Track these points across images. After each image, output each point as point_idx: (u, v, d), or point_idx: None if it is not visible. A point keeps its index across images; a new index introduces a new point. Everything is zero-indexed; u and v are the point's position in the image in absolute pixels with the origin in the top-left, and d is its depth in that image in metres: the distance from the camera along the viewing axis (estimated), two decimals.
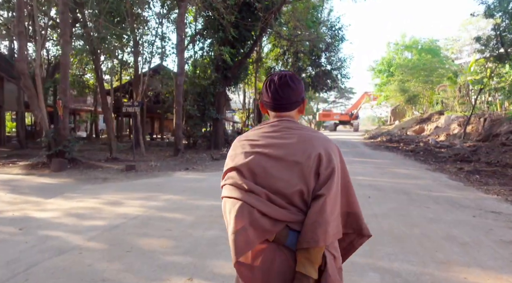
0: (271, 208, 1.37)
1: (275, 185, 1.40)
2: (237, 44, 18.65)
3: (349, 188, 1.56)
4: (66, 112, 11.57)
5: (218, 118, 19.10)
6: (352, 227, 1.57)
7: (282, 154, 1.43)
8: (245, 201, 1.38)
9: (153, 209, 6.27)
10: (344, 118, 58.71)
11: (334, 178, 1.40)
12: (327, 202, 1.35)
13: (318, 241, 1.32)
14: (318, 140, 1.47)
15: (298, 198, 1.39)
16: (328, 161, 1.42)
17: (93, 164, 12.04)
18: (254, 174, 1.42)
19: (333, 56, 25.54)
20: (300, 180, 1.39)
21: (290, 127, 1.51)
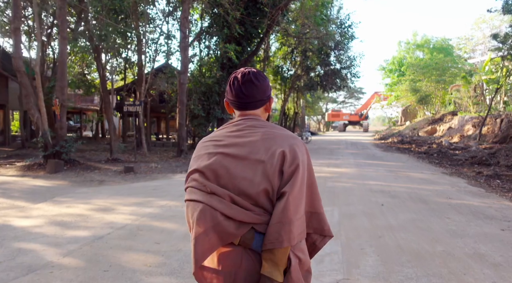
0: (234, 210, 1.32)
1: (239, 186, 1.34)
2: (243, 41, 18.08)
3: (313, 188, 1.48)
4: (63, 111, 11.13)
5: (223, 117, 18.55)
6: (313, 227, 1.49)
7: (245, 153, 1.37)
8: (207, 203, 1.33)
9: (145, 217, 5.73)
10: (354, 118, 57.98)
11: (299, 175, 1.34)
12: (289, 201, 1.29)
13: (282, 241, 1.27)
14: (282, 137, 1.41)
15: (263, 198, 1.33)
16: (292, 158, 1.35)
17: (92, 165, 11.58)
18: (217, 176, 1.37)
19: (342, 54, 24.83)
20: (264, 179, 1.33)
21: (254, 126, 1.45)
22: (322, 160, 14.25)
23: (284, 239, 1.27)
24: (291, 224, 1.29)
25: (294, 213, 1.30)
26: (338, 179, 9.61)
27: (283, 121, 26.94)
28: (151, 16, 19.06)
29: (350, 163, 13.46)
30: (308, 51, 23.72)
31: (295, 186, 1.32)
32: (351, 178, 9.73)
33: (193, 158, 1.49)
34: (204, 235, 1.31)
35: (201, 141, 1.52)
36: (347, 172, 10.92)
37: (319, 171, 11.09)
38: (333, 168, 11.92)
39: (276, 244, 1.27)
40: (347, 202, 6.82)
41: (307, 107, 45.34)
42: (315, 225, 1.50)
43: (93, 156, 14.57)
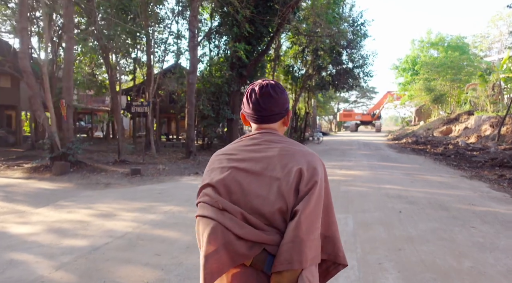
0: (246, 230, 1.23)
1: (252, 203, 1.26)
2: (253, 40, 17.73)
3: (329, 209, 1.37)
4: (70, 112, 10.94)
5: (233, 118, 18.24)
6: (327, 252, 1.37)
7: (260, 169, 1.31)
8: (219, 221, 1.25)
9: (147, 225, 5.42)
10: (366, 118, 57.22)
11: (315, 193, 1.24)
12: (302, 219, 1.20)
13: (292, 263, 1.17)
14: (300, 154, 1.34)
15: (278, 218, 1.25)
16: (310, 176, 1.27)
17: (99, 167, 11.37)
18: (230, 191, 1.30)
19: (354, 53, 24.26)
20: (279, 197, 1.25)
21: (272, 141, 1.39)
22: (334, 162, 13.80)
23: (295, 261, 1.18)
24: (303, 244, 1.19)
25: (307, 233, 1.21)
26: (351, 182, 9.19)
27: (293, 121, 26.50)
28: (160, 15, 18.86)
29: (364, 165, 12.99)
30: (319, 50, 23.24)
31: (309, 205, 1.23)
32: (366, 182, 9.29)
33: (205, 171, 1.42)
34: (214, 254, 1.23)
35: (215, 154, 1.46)
36: (361, 175, 10.47)
37: (331, 173, 10.67)
38: (346, 170, 11.48)
39: (286, 265, 1.18)
40: (362, 209, 6.41)
41: (319, 107, 44.78)
42: (329, 250, 1.38)
43: (102, 157, 14.40)
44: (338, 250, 1.38)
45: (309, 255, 1.20)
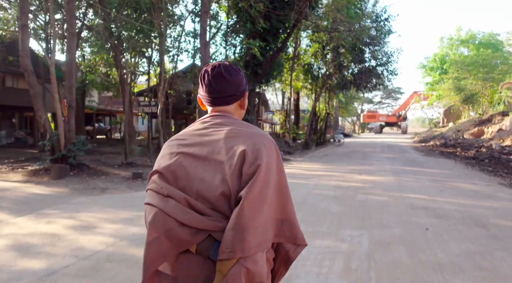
0: (190, 216, 1.20)
1: (197, 188, 1.24)
2: (269, 37, 16.90)
3: (284, 192, 1.30)
4: (71, 112, 10.45)
5: (247, 119, 17.43)
6: (285, 235, 1.30)
7: (206, 153, 1.28)
8: (161, 208, 1.23)
9: (125, 241, 4.67)
10: (391, 119, 55.40)
11: (259, 177, 1.18)
12: (244, 206, 1.14)
13: (234, 251, 1.13)
14: (247, 135, 1.28)
15: (222, 203, 1.21)
16: (254, 159, 1.20)
17: (102, 170, 10.82)
18: (176, 177, 1.28)
19: (378, 50, 22.99)
20: (223, 181, 1.21)
21: (221, 123, 1.34)
22: (353, 166, 12.76)
23: (237, 249, 1.13)
24: (246, 232, 1.14)
25: (250, 220, 1.15)
26: (370, 190, 8.18)
27: (313, 122, 25.44)
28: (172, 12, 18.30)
29: (386, 169, 11.89)
30: (340, 48, 22.13)
31: (253, 190, 1.16)
32: (387, 190, 8.26)
33: (157, 158, 1.38)
34: (155, 242, 1.21)
35: (168, 140, 1.41)
36: (382, 181, 9.43)
37: (348, 179, 9.67)
38: (365, 175, 10.45)
39: (227, 254, 1.13)
40: (381, 223, 5.44)
41: (341, 108, 43.38)
42: (287, 233, 1.30)
43: (110, 159, 13.93)
44: (297, 231, 1.32)
45: (252, 243, 1.14)
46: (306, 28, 21.78)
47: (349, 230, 5.13)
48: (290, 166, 13.13)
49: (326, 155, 17.73)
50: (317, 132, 25.74)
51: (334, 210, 6.32)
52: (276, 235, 1.27)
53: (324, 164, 13.50)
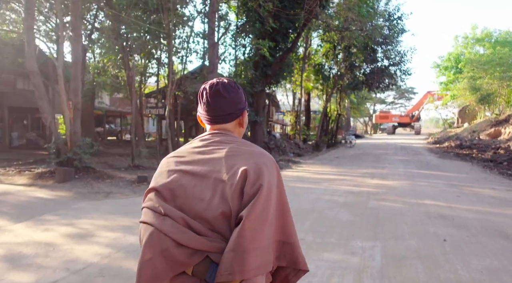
0: (187, 236, 1.15)
1: (196, 208, 1.20)
2: (278, 37, 16.59)
3: (285, 213, 1.26)
4: (77, 114, 10.31)
5: (256, 120, 17.15)
6: (286, 259, 1.25)
7: (205, 171, 1.24)
8: (158, 227, 1.18)
9: (122, 251, 4.42)
10: (404, 120, 54.48)
11: (261, 197, 1.14)
12: (245, 226, 1.11)
13: (233, 273, 1.09)
14: (249, 154, 1.26)
15: (221, 223, 1.17)
16: (255, 178, 1.17)
17: (107, 173, 10.65)
18: (174, 196, 1.24)
19: (391, 49, 22.46)
20: (223, 201, 1.17)
21: (222, 141, 1.32)
22: (364, 169, 12.35)
23: (236, 271, 1.09)
24: (246, 253, 1.10)
25: (250, 241, 1.11)
26: (383, 196, 7.80)
27: (324, 123, 25.02)
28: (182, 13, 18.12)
29: (400, 173, 11.45)
30: (352, 47, 21.69)
31: (254, 210, 1.13)
32: (401, 195, 7.86)
33: (154, 175, 1.35)
34: (149, 262, 1.17)
35: (166, 157, 1.39)
36: (396, 186, 9.02)
37: (360, 184, 9.29)
38: (378, 180, 10.05)
39: (226, 276, 1.09)
40: (395, 234, 5.09)
41: (353, 109, 42.76)
42: (288, 256, 1.26)
43: (117, 161, 13.78)
44: (298, 255, 1.27)
45: (252, 265, 1.11)
46: (317, 28, 21.41)
47: (360, 241, 4.79)
48: (299, 169, 12.79)
49: (337, 157, 17.32)
50: (328, 134, 25.30)
51: (345, 218, 5.98)
52: (277, 257, 1.23)
53: (334, 167, 13.13)
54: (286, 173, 11.69)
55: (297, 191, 8.29)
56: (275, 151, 18.47)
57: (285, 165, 13.45)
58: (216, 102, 1.33)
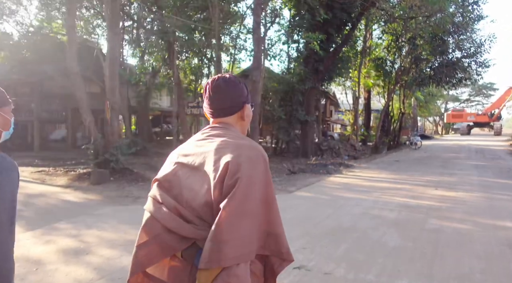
0: (176, 223, 1.25)
1: (186, 197, 1.29)
2: (331, 29, 15.27)
3: (270, 205, 1.27)
4: (115, 114, 10.10)
5: (307, 120, 15.99)
6: (271, 249, 1.30)
7: (198, 163, 1.32)
8: (153, 214, 1.31)
9: (104, 279, 3.72)
10: (482, 119, 49.04)
11: (239, 190, 1.18)
12: (222, 218, 1.16)
13: (210, 262, 1.14)
14: (235, 147, 1.28)
15: (206, 212, 1.24)
16: (235, 171, 1.20)
17: (144, 175, 10.32)
18: (171, 186, 1.34)
19: (464, 39, 19.81)
20: (208, 191, 1.24)
21: (217, 135, 1.37)
22: (428, 176, 10.65)
23: (213, 260, 1.14)
24: (222, 243, 1.14)
25: (228, 232, 1.15)
26: (448, 213, 6.31)
27: (385, 123, 22.94)
28: (232, 9, 17.57)
29: (472, 182, 9.63)
30: (417, 39, 19.49)
31: (232, 202, 1.17)
32: (471, 213, 6.31)
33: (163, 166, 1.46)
34: (145, 245, 1.29)
35: (175, 149, 1.49)
36: (465, 200, 7.41)
37: (419, 195, 7.79)
38: (443, 190, 8.43)
39: (204, 264, 1.15)
40: (459, 273, 3.78)
41: (420, 107, 39.30)
42: (273, 247, 1.29)
43: (159, 163, 13.51)
44: (281, 246, 1.30)
45: (229, 255, 1.15)
46: (377, 19, 19.58)
47: (410, 275, 3.59)
48: (350, 174, 11.43)
49: (397, 161, 15.51)
50: (390, 134, 23.17)
51: (392, 243, 4.73)
52: (261, 246, 1.26)
53: (392, 173, 11.54)
54: (333, 179, 10.45)
55: (340, 202, 7.10)
56: (328, 153, 17.13)
57: (334, 170, 12.16)
58: (217, 96, 1.39)
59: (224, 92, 1.38)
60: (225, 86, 1.38)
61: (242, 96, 1.42)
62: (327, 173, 11.47)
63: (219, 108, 1.40)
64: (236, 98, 1.40)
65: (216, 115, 1.41)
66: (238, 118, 1.43)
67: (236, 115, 1.42)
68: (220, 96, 1.38)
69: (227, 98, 1.39)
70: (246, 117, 1.45)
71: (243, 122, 1.45)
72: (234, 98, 1.40)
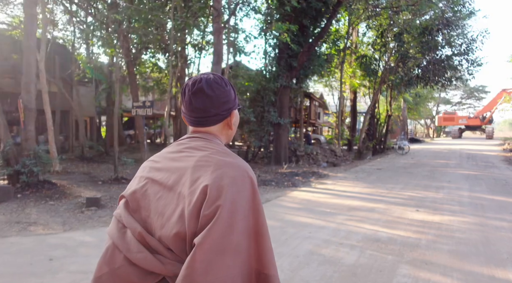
0: (142, 255, 1.03)
1: (156, 223, 1.06)
2: (305, 21, 13.59)
3: (261, 237, 1.03)
4: (30, 116, 8.26)
5: (280, 123, 14.26)
6: None
7: (172, 182, 1.09)
8: (115, 241, 1.09)
9: None
10: (473, 122, 47.91)
11: (219, 221, 0.96)
12: (197, 257, 0.95)
13: None
14: (217, 165, 1.05)
15: (177, 244, 1.01)
16: (215, 197, 0.98)
17: (69, 190, 8.49)
18: (139, 206, 1.12)
19: (455, 36, 18.26)
20: (181, 220, 1.01)
21: (196, 148, 1.14)
22: (411, 191, 8.95)
23: None
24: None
25: (202, 274, 0.94)
26: (427, 253, 4.57)
27: (371, 126, 21.28)
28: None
29: (462, 200, 7.93)
30: (404, 34, 17.92)
31: (209, 237, 0.95)
32: (459, 254, 4.58)
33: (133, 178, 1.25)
34: (100, 280, 1.08)
35: (146, 160, 1.26)
36: (453, 229, 5.68)
37: (395, 220, 6.06)
38: (426, 213, 6.71)
39: None
40: None
41: (410, 109, 37.77)
42: None
43: (103, 172, 11.69)
44: None
45: None
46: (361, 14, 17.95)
47: None
48: (319, 187, 9.68)
49: (380, 169, 13.80)
50: (376, 138, 21.51)
51: None
52: None
53: (368, 186, 9.82)
54: (297, 194, 8.69)
55: (287, 233, 5.34)
56: (305, 160, 15.41)
57: (302, 182, 10.39)
58: (199, 101, 1.15)
59: (208, 97, 1.14)
60: (209, 90, 1.14)
61: (230, 101, 1.18)
62: (293, 185, 9.71)
63: (202, 116, 1.17)
64: (223, 104, 1.17)
65: (198, 123, 1.18)
66: (224, 126, 1.21)
67: (222, 124, 1.20)
68: (203, 102, 1.14)
69: (212, 104, 1.15)
70: (233, 125, 1.24)
71: (229, 131, 1.24)
72: (221, 105, 1.16)
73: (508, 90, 43.35)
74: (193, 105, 1.15)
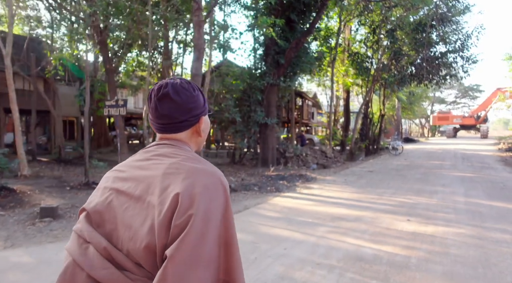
0: (107, 272, 0.95)
1: (123, 237, 0.99)
2: (293, 15, 12.92)
3: (230, 249, 0.97)
4: None
5: (266, 123, 13.57)
6: None
7: (139, 191, 1.02)
8: (76, 258, 1.00)
9: None
10: (468, 121, 47.54)
11: (191, 231, 0.90)
12: (169, 270, 0.88)
13: None
14: (189, 172, 0.99)
15: (147, 258, 0.94)
16: (187, 206, 0.92)
17: (27, 198, 7.74)
18: (103, 220, 1.04)
19: (449, 32, 17.66)
20: (151, 232, 0.94)
21: (165, 155, 1.07)
22: (402, 196, 8.28)
23: None
24: None
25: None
26: (418, 277, 3.89)
27: (364, 126, 20.65)
28: None
29: (457, 207, 7.28)
30: (397, 31, 17.30)
31: (182, 248, 0.89)
32: (454, 277, 3.90)
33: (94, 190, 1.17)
34: None
35: (110, 170, 1.18)
36: (447, 243, 5.01)
37: (382, 233, 5.37)
38: (417, 223, 6.04)
39: None
40: None
41: (405, 109, 37.24)
42: None
43: (75, 176, 10.93)
44: None
45: None
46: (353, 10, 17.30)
47: None
48: (304, 192, 8.99)
49: (371, 171, 13.15)
50: (368, 138, 20.88)
51: None
52: None
53: (357, 191, 9.15)
54: (279, 200, 8.00)
55: (260, 249, 4.64)
56: (294, 162, 14.73)
57: (287, 186, 9.69)
58: (165, 107, 1.09)
59: (175, 103, 1.08)
60: (175, 96, 1.08)
61: (198, 107, 1.12)
62: (276, 191, 9.01)
63: (169, 123, 1.11)
64: (191, 110, 1.11)
65: (164, 130, 1.12)
66: (193, 133, 1.15)
67: (191, 130, 1.14)
68: (169, 108, 1.08)
69: (178, 110, 1.09)
70: (202, 132, 1.16)
71: (199, 138, 1.17)
72: (188, 111, 1.10)
73: (503, 89, 42.95)
74: (159, 111, 1.10)
